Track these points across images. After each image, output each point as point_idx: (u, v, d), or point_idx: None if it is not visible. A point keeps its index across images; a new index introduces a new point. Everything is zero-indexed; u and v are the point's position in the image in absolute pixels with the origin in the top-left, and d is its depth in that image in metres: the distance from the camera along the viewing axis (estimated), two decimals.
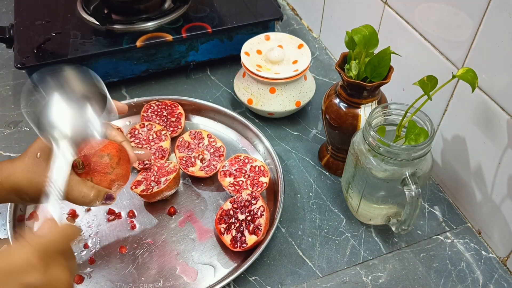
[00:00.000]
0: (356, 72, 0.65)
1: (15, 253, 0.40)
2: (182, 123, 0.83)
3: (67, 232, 0.45)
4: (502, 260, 0.68)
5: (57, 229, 0.44)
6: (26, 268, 0.39)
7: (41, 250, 0.41)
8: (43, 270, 0.40)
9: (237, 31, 0.92)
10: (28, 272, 0.39)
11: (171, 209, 0.72)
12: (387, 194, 0.63)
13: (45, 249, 0.41)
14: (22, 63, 0.81)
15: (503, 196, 0.64)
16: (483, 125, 0.64)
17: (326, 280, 0.65)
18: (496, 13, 0.58)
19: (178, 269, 0.65)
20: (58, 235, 0.44)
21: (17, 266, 0.39)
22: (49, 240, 0.43)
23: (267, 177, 0.73)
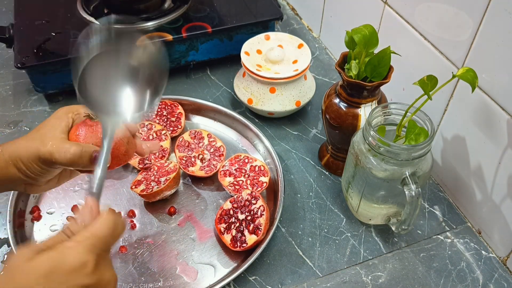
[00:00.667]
0: (356, 72, 0.65)
1: (68, 251, 0.39)
2: (182, 122, 0.83)
3: (115, 228, 0.43)
4: (502, 260, 0.68)
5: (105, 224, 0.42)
6: (81, 268, 0.39)
7: (93, 249, 0.40)
8: (95, 271, 0.40)
9: (237, 30, 0.92)
10: (82, 273, 0.39)
11: (171, 209, 0.72)
12: (387, 193, 0.63)
13: (96, 249, 0.41)
14: (22, 63, 0.81)
15: (503, 195, 0.64)
16: (483, 124, 0.64)
17: (326, 280, 0.65)
18: (496, 13, 0.58)
19: (178, 268, 0.65)
20: (108, 232, 0.42)
21: (72, 266, 0.39)
22: (100, 239, 0.41)
23: (267, 177, 0.73)
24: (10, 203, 0.68)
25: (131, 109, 0.47)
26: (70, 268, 0.38)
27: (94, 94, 0.45)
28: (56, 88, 0.87)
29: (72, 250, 0.39)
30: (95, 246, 0.40)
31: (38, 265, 0.38)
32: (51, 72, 0.84)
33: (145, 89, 0.48)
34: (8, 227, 0.65)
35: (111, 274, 0.42)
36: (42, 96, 0.90)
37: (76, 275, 0.39)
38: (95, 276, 0.40)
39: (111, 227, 0.42)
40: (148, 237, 0.68)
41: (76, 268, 0.39)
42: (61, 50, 0.84)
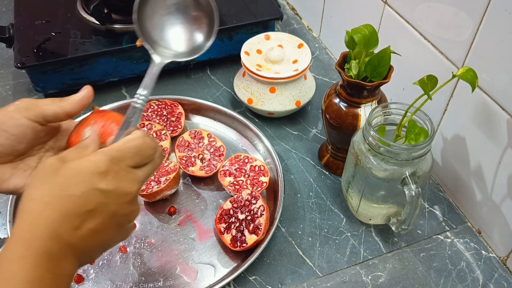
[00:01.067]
0: (356, 72, 0.65)
1: (88, 157, 0.42)
2: (182, 122, 0.83)
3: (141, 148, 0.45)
4: (502, 260, 0.68)
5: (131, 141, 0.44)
6: (97, 172, 0.41)
7: (112, 158, 0.42)
8: (113, 177, 0.42)
9: (237, 30, 0.92)
10: (98, 177, 0.41)
11: (171, 209, 0.72)
12: (387, 193, 0.63)
13: (115, 158, 0.43)
14: (22, 62, 0.81)
15: (503, 195, 0.64)
16: (483, 124, 0.64)
17: (326, 280, 0.65)
18: (496, 13, 0.58)
19: (178, 268, 0.65)
20: (132, 149, 0.44)
21: (88, 169, 0.41)
22: (122, 152, 0.43)
23: (267, 177, 0.73)
24: (10, 203, 0.68)
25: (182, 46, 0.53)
26: (90, 171, 0.41)
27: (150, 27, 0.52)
28: (56, 88, 0.87)
29: (93, 157, 0.42)
30: (117, 158, 0.43)
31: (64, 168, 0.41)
32: (51, 72, 0.84)
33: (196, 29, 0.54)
34: (8, 227, 0.65)
35: (130, 186, 0.43)
36: (42, 96, 0.90)
37: (94, 178, 0.41)
38: (112, 183, 0.42)
39: (137, 147, 0.44)
40: (148, 237, 0.69)
41: (92, 172, 0.41)
42: (61, 50, 0.84)
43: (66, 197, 0.40)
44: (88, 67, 0.86)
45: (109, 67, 0.88)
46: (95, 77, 0.88)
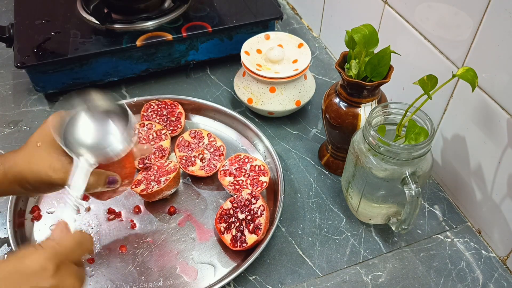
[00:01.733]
0: (356, 72, 0.65)
1: (29, 256, 0.42)
2: (182, 122, 0.83)
3: (81, 242, 0.46)
4: (502, 260, 0.68)
5: (71, 237, 0.45)
6: (39, 272, 0.41)
7: (55, 256, 0.42)
8: (55, 276, 0.41)
9: (237, 30, 0.92)
10: (41, 276, 0.41)
11: (171, 209, 0.72)
12: (387, 193, 0.63)
13: (58, 256, 0.43)
14: (22, 62, 0.81)
15: (503, 195, 0.64)
16: (483, 124, 0.64)
17: (326, 280, 0.65)
18: (496, 12, 0.58)
19: (178, 268, 0.65)
20: (73, 244, 0.45)
21: (31, 269, 0.41)
22: (64, 248, 0.44)
23: (267, 177, 0.73)
24: (10, 203, 0.68)
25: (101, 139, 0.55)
26: (29, 270, 0.41)
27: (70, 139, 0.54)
28: (56, 88, 0.87)
29: (33, 256, 0.42)
30: (58, 254, 0.43)
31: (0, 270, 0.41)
32: (51, 71, 0.84)
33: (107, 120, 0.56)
34: (8, 226, 0.65)
35: (73, 282, 0.43)
36: (42, 96, 0.90)
37: (34, 277, 0.41)
38: (54, 281, 0.41)
39: (77, 241, 0.45)
40: (148, 237, 0.69)
41: (35, 272, 0.41)
42: (61, 49, 0.84)
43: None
44: (88, 67, 0.86)
45: (109, 67, 0.88)
46: (95, 77, 0.88)
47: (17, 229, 0.67)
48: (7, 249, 0.67)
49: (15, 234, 0.65)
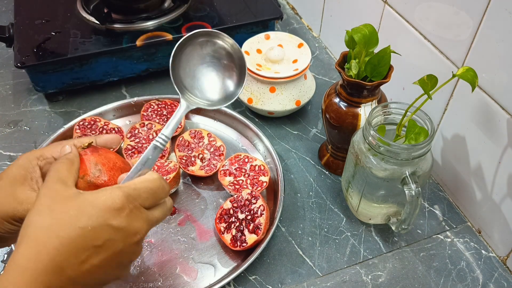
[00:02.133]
0: (356, 71, 0.65)
1: (104, 192, 0.42)
2: (182, 122, 0.83)
3: (156, 192, 0.46)
4: (502, 259, 0.68)
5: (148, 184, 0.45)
6: (111, 209, 0.41)
7: (128, 197, 0.43)
8: (124, 216, 0.42)
9: (237, 30, 0.92)
10: (111, 213, 0.41)
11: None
12: (387, 193, 0.63)
13: (132, 199, 0.43)
14: (22, 62, 0.81)
15: (503, 195, 0.64)
16: (483, 124, 0.64)
17: (326, 279, 0.65)
18: (496, 12, 0.58)
19: (178, 268, 0.65)
20: (148, 192, 0.45)
21: (103, 204, 0.41)
22: (137, 191, 0.44)
23: (267, 176, 0.73)
24: None
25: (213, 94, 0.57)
26: (101, 205, 0.41)
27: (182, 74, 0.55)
28: (56, 88, 0.87)
29: (108, 192, 0.42)
30: (132, 197, 0.43)
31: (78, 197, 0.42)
32: (51, 71, 0.84)
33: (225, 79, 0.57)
34: None
35: (140, 226, 0.44)
36: (42, 96, 0.90)
37: (105, 212, 0.41)
38: (124, 221, 0.42)
39: (151, 187, 0.45)
40: (148, 237, 0.68)
41: (107, 208, 0.41)
42: (61, 49, 0.84)
43: (77, 229, 0.40)
44: (88, 67, 0.86)
45: (109, 67, 0.88)
46: (95, 77, 0.88)
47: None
48: (8, 249, 0.67)
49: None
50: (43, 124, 0.85)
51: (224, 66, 0.57)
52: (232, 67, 0.57)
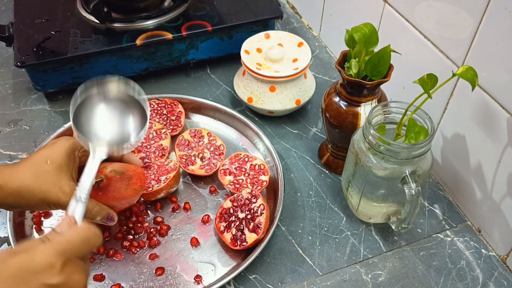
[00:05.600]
0: (356, 71, 0.65)
1: (38, 252, 0.42)
2: (182, 121, 0.83)
3: (89, 239, 0.45)
4: (502, 258, 0.68)
5: (79, 233, 0.45)
6: (47, 268, 0.41)
7: (63, 252, 0.42)
8: (62, 272, 0.42)
9: (237, 29, 0.92)
10: (49, 273, 0.41)
11: (171, 207, 0.72)
12: (387, 192, 0.63)
13: (66, 252, 0.43)
14: (21, 61, 0.81)
15: (503, 194, 0.64)
16: (483, 123, 0.64)
17: (326, 278, 0.65)
18: (496, 11, 0.58)
19: (178, 267, 0.65)
20: (81, 241, 0.45)
21: (39, 266, 0.41)
22: (73, 245, 0.44)
23: (267, 176, 0.73)
24: None
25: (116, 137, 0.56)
26: (37, 267, 0.41)
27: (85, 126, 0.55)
28: (56, 87, 0.87)
29: (41, 252, 0.42)
30: (65, 251, 0.43)
31: (8, 266, 0.40)
32: (51, 70, 0.84)
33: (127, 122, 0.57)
34: (8, 225, 0.65)
35: (79, 277, 0.43)
36: (42, 95, 0.90)
37: (42, 274, 0.41)
38: (61, 277, 0.41)
39: (85, 236, 0.45)
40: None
41: (43, 268, 0.41)
42: (60, 48, 0.84)
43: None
44: (88, 66, 0.86)
45: (109, 66, 0.88)
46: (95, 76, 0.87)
47: (17, 228, 0.67)
48: (7, 248, 0.67)
49: (15, 233, 0.65)
50: (43, 123, 0.85)
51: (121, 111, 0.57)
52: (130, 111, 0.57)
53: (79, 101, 0.54)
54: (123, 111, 0.56)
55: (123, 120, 0.57)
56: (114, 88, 0.55)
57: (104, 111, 0.56)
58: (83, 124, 0.54)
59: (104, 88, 0.55)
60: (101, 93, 0.55)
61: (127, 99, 0.56)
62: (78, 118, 0.54)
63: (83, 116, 0.54)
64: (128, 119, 0.57)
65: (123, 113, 0.57)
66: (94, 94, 0.55)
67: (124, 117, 0.57)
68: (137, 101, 0.56)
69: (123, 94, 0.56)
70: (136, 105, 0.57)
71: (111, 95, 0.56)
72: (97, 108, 0.55)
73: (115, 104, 0.56)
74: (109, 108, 0.56)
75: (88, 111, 0.55)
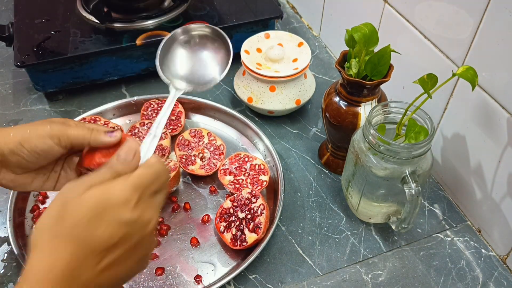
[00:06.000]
0: (356, 70, 0.65)
1: (115, 187, 0.42)
2: (182, 121, 0.83)
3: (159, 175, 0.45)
4: (502, 258, 0.68)
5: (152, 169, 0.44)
6: (123, 203, 0.41)
7: (138, 187, 0.42)
8: (136, 208, 0.42)
9: (237, 29, 0.92)
10: (124, 209, 0.41)
11: (171, 207, 0.72)
12: (387, 192, 0.63)
13: (141, 187, 0.43)
14: (21, 61, 0.81)
15: (503, 194, 0.64)
16: (483, 123, 0.64)
17: (326, 278, 0.65)
18: (496, 11, 0.58)
19: (178, 267, 0.65)
20: (153, 176, 0.44)
21: (116, 200, 0.41)
22: (146, 179, 0.43)
23: (267, 176, 0.73)
24: (10, 202, 0.68)
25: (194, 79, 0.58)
26: (115, 202, 0.41)
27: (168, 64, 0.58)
28: (56, 87, 0.87)
29: (119, 186, 0.42)
30: (139, 186, 0.42)
31: (87, 199, 0.40)
32: (51, 70, 0.84)
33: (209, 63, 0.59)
34: (8, 225, 0.65)
35: (152, 214, 0.43)
36: (42, 95, 0.90)
37: (119, 209, 0.41)
38: (136, 213, 0.41)
39: (155, 173, 0.44)
40: None
41: (120, 203, 0.41)
42: (60, 48, 0.84)
43: (91, 235, 0.39)
44: (88, 66, 0.86)
45: (109, 66, 0.88)
46: (95, 76, 0.88)
47: (17, 228, 0.67)
48: (8, 248, 0.67)
49: (15, 233, 0.65)
50: None
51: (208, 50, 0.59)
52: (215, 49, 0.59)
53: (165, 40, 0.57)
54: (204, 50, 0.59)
55: (203, 59, 0.59)
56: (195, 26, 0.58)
57: (186, 50, 0.58)
58: (164, 63, 0.57)
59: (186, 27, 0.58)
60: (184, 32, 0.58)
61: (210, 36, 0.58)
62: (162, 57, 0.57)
63: (166, 55, 0.57)
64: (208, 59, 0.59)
65: (204, 51, 0.59)
66: (178, 33, 0.58)
67: (204, 56, 0.59)
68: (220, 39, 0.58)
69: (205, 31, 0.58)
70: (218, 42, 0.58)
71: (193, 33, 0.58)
72: (178, 46, 0.58)
73: (197, 42, 0.58)
74: (191, 46, 0.58)
75: (171, 50, 0.57)
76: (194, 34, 0.58)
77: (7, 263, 0.66)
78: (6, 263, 0.66)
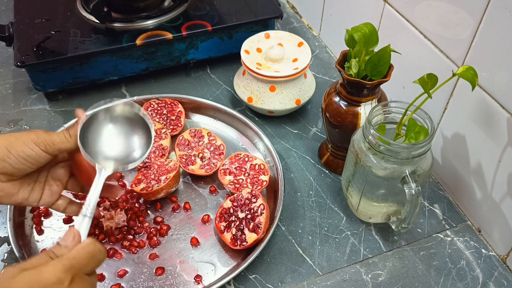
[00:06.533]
0: (356, 70, 0.65)
1: (47, 269, 0.43)
2: (182, 121, 0.83)
3: (94, 255, 0.47)
4: (502, 258, 0.68)
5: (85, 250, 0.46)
6: (56, 284, 0.42)
7: (71, 268, 0.43)
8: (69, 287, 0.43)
9: (237, 29, 0.92)
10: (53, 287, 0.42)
11: (171, 207, 0.72)
12: (387, 192, 0.63)
13: (74, 268, 0.44)
14: (21, 61, 0.81)
15: (503, 194, 0.64)
16: (483, 123, 0.64)
17: (326, 278, 0.65)
18: (496, 11, 0.58)
19: (178, 267, 0.65)
20: (87, 258, 0.46)
21: (48, 281, 0.42)
22: (79, 261, 0.45)
23: (267, 175, 0.73)
24: None
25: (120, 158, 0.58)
26: (47, 283, 0.42)
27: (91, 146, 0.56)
28: (56, 87, 0.87)
29: (50, 268, 0.43)
30: (73, 267, 0.44)
31: (18, 281, 0.41)
32: (51, 70, 0.84)
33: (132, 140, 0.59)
34: (8, 225, 0.65)
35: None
36: (42, 95, 0.90)
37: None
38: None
39: (91, 252, 0.46)
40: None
41: (52, 284, 0.42)
42: (60, 48, 0.84)
43: None
44: (88, 66, 0.86)
45: (109, 66, 0.88)
46: (95, 76, 0.88)
47: (17, 228, 0.67)
48: (8, 248, 0.67)
49: (15, 233, 0.65)
50: (43, 123, 0.85)
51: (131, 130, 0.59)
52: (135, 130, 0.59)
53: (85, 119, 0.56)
54: (128, 130, 0.59)
55: (128, 139, 0.59)
56: (119, 107, 0.57)
57: (109, 130, 0.58)
58: (89, 142, 0.56)
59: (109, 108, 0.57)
60: (106, 112, 0.57)
61: (132, 118, 0.58)
62: (84, 137, 0.55)
63: (89, 135, 0.56)
64: (133, 138, 0.59)
65: (128, 132, 0.59)
66: (100, 113, 0.57)
67: (129, 135, 0.59)
68: (142, 120, 0.58)
69: (128, 113, 0.58)
70: (140, 124, 0.59)
71: (116, 114, 0.58)
72: (102, 126, 0.57)
73: (120, 123, 0.58)
74: (115, 127, 0.58)
75: (94, 130, 0.57)
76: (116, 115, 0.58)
77: (7, 263, 0.66)
78: (6, 263, 0.66)
